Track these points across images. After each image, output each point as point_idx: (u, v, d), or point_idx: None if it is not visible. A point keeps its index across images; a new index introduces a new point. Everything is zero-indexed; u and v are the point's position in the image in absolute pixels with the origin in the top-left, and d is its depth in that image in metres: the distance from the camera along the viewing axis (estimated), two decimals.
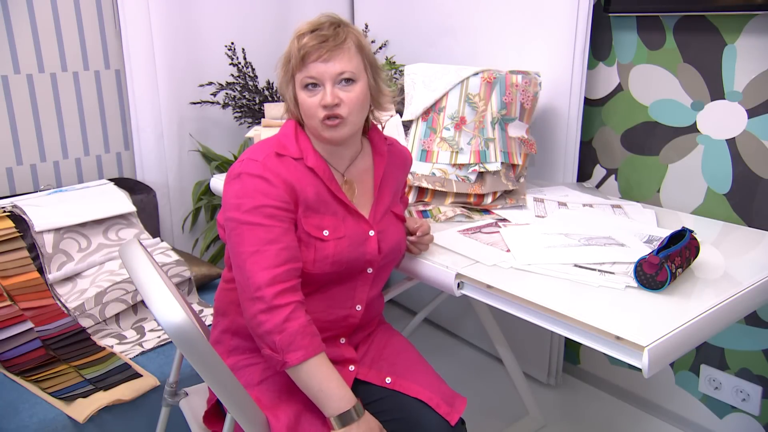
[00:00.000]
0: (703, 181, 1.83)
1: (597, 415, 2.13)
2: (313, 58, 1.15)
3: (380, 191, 1.32)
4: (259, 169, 1.16)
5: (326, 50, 1.15)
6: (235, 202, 1.16)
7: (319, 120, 1.18)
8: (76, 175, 2.28)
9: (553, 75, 1.96)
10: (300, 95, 1.19)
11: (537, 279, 1.30)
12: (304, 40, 1.16)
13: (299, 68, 1.17)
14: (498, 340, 1.98)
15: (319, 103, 1.17)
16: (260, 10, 2.47)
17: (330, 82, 1.16)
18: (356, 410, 1.13)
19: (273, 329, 1.11)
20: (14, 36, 2.05)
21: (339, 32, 1.17)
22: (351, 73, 1.18)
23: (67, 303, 1.79)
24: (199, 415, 1.34)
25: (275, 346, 1.11)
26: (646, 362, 1.03)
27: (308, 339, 1.11)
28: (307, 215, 1.19)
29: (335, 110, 1.17)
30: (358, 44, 1.20)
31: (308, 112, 1.19)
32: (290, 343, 1.10)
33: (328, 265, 1.20)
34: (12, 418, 1.45)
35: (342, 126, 1.19)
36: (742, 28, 1.67)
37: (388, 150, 1.35)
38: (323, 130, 1.19)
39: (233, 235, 1.16)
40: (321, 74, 1.16)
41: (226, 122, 2.46)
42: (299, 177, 1.19)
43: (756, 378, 1.82)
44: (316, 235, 1.19)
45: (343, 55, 1.17)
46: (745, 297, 1.25)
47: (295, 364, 1.11)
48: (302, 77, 1.17)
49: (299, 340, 1.10)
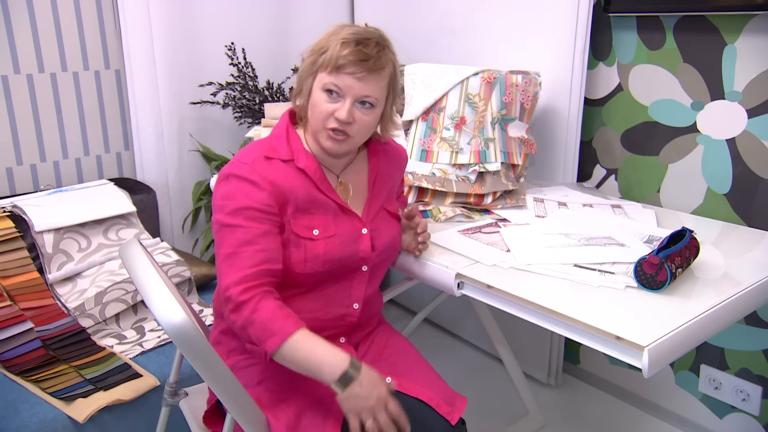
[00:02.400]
0: (703, 181, 1.83)
1: (597, 415, 2.13)
2: (349, 71, 1.15)
3: (374, 189, 1.32)
4: (247, 171, 1.16)
5: (364, 70, 1.15)
6: (220, 203, 1.16)
7: (326, 128, 1.18)
8: (76, 175, 2.27)
9: (553, 75, 1.96)
10: (317, 94, 1.18)
11: (537, 279, 1.30)
12: (347, 50, 1.14)
13: (329, 71, 1.16)
14: (498, 340, 1.98)
15: (332, 113, 1.17)
16: (260, 10, 2.47)
17: (351, 99, 1.16)
18: (354, 366, 1.08)
19: (244, 323, 1.10)
20: (14, 36, 2.05)
21: (381, 56, 1.17)
22: (374, 99, 1.18)
23: (67, 303, 1.78)
24: (199, 415, 1.34)
25: (251, 339, 1.11)
26: (646, 362, 1.03)
27: (279, 322, 1.09)
28: (297, 216, 1.19)
29: (346, 127, 1.17)
30: (392, 72, 1.21)
31: (319, 115, 1.18)
32: (263, 331, 1.09)
33: (319, 264, 1.20)
34: (12, 418, 1.45)
35: (345, 143, 1.20)
36: (742, 28, 1.67)
37: (383, 149, 1.35)
38: (324, 139, 1.19)
39: (216, 237, 1.17)
40: (348, 88, 1.16)
41: (226, 122, 2.46)
42: (289, 179, 1.19)
43: (756, 378, 1.82)
44: (306, 235, 1.19)
45: (375, 81, 1.17)
46: (745, 297, 1.25)
47: (275, 350, 1.09)
48: (328, 81, 1.16)
49: (270, 326, 1.09)
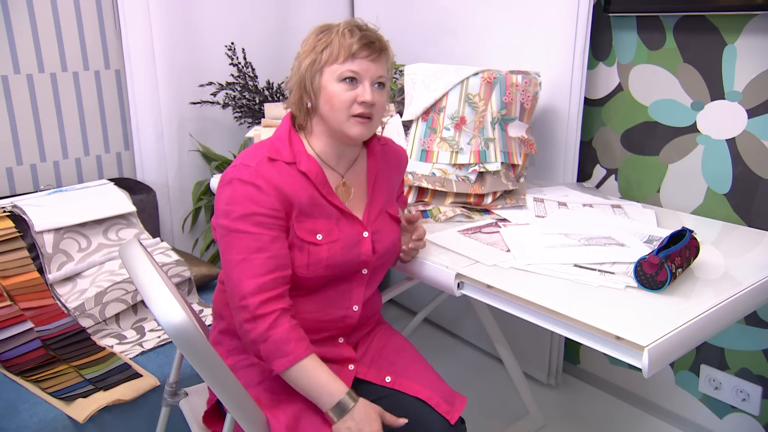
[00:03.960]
0: (703, 181, 1.83)
1: (597, 415, 2.13)
2: (363, 55, 1.18)
3: (373, 191, 1.32)
4: (251, 175, 1.15)
5: (375, 51, 1.19)
6: (225, 208, 1.16)
7: (351, 115, 1.19)
8: (76, 175, 2.27)
9: (553, 75, 1.96)
10: (333, 88, 1.18)
11: (537, 279, 1.30)
12: (355, 37, 1.17)
13: (342, 60, 1.17)
14: (498, 340, 1.98)
15: (354, 99, 1.18)
16: (260, 10, 2.47)
17: (369, 81, 1.19)
18: (350, 397, 1.14)
19: (257, 338, 1.12)
20: (14, 36, 2.05)
21: (381, 38, 1.21)
22: (385, 79, 1.23)
23: (67, 303, 1.78)
24: (199, 415, 1.34)
25: (261, 355, 1.14)
26: (646, 362, 1.03)
27: (293, 344, 1.12)
28: (301, 220, 1.19)
29: (370, 109, 1.19)
30: (392, 56, 1.25)
31: (341, 104, 1.18)
32: (275, 351, 1.12)
33: (321, 268, 1.20)
34: (12, 418, 1.45)
35: (370, 126, 1.22)
36: (742, 28, 1.67)
37: (381, 150, 1.35)
38: (352, 126, 1.20)
39: (222, 242, 1.17)
40: (365, 71, 1.18)
41: (226, 122, 2.46)
42: (292, 182, 1.19)
43: (756, 378, 1.82)
44: (310, 240, 1.19)
45: (384, 61, 1.22)
46: (745, 297, 1.25)
47: (282, 370, 1.13)
48: (343, 70, 1.18)
49: (283, 347, 1.12)
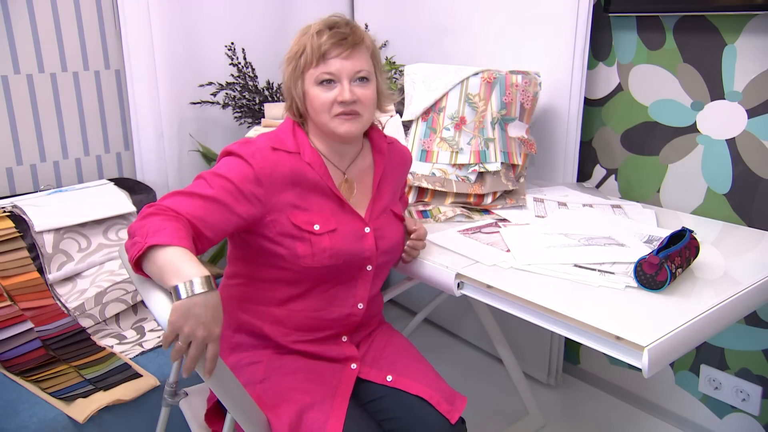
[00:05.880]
0: (703, 181, 1.83)
1: (597, 415, 2.13)
2: (334, 55, 1.18)
3: (379, 189, 1.32)
4: (248, 152, 1.17)
5: (346, 48, 1.18)
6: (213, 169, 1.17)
7: (333, 116, 1.19)
8: (76, 175, 2.27)
9: (553, 75, 1.96)
10: (313, 91, 1.20)
11: (537, 279, 1.30)
12: (324, 37, 1.18)
13: (316, 64, 1.19)
14: (498, 340, 1.98)
15: (334, 99, 1.19)
16: (260, 10, 2.47)
17: (347, 79, 1.19)
18: (207, 285, 0.97)
19: (135, 225, 1.04)
20: (14, 36, 2.05)
21: (355, 30, 1.21)
22: (367, 72, 1.21)
23: (67, 303, 1.78)
24: (199, 415, 1.34)
25: (133, 231, 1.04)
26: (646, 362, 1.03)
27: (169, 231, 1.01)
28: (295, 214, 1.19)
29: (353, 106, 1.19)
30: (372, 46, 1.25)
31: (321, 107, 1.20)
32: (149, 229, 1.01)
33: (326, 258, 1.20)
34: (12, 418, 1.45)
35: (357, 122, 1.21)
36: (742, 28, 1.67)
37: (388, 149, 1.35)
38: (337, 126, 1.20)
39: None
40: (339, 71, 1.18)
41: (226, 122, 2.46)
42: (293, 167, 1.20)
43: (756, 378, 1.82)
44: (308, 229, 1.19)
45: (360, 54, 1.20)
46: (745, 297, 1.25)
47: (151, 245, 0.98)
48: (318, 73, 1.19)
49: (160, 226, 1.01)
